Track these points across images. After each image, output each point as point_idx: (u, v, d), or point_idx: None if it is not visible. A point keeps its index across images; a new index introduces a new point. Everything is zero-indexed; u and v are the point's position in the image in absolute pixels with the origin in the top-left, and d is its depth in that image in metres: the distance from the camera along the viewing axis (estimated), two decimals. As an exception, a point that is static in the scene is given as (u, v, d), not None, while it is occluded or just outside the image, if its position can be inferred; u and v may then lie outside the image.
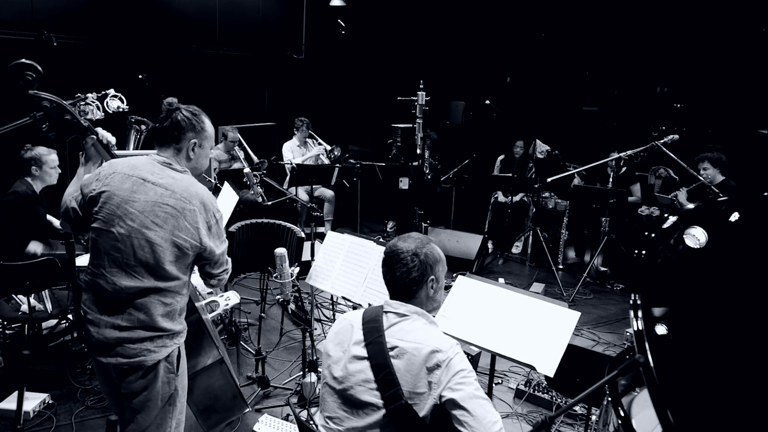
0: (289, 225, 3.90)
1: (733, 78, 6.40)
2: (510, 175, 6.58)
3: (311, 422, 2.22)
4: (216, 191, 4.56)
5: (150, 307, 1.97)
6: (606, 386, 1.89)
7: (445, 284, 1.92)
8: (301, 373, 3.49)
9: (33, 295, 3.47)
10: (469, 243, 5.87)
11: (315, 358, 3.46)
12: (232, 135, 6.31)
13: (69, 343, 3.71)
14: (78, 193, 2.11)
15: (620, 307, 5.15)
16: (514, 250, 6.74)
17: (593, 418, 2.88)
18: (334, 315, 4.59)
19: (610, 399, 1.92)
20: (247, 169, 4.49)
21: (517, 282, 5.69)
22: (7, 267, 3.29)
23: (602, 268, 5.79)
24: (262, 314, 3.99)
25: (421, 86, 5.68)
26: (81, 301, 2.07)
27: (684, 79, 6.85)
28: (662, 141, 4.90)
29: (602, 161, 5.40)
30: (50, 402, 3.28)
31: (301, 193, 6.51)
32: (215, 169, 6.04)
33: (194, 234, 2.02)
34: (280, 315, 4.49)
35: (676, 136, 4.91)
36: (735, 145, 5.21)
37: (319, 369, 3.39)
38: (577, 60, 7.71)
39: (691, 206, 1.90)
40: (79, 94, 2.79)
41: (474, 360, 3.49)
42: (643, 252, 1.71)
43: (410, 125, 5.91)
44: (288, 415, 3.28)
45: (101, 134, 2.34)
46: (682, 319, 1.64)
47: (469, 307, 2.56)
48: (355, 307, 3.59)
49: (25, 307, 3.39)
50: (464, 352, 1.75)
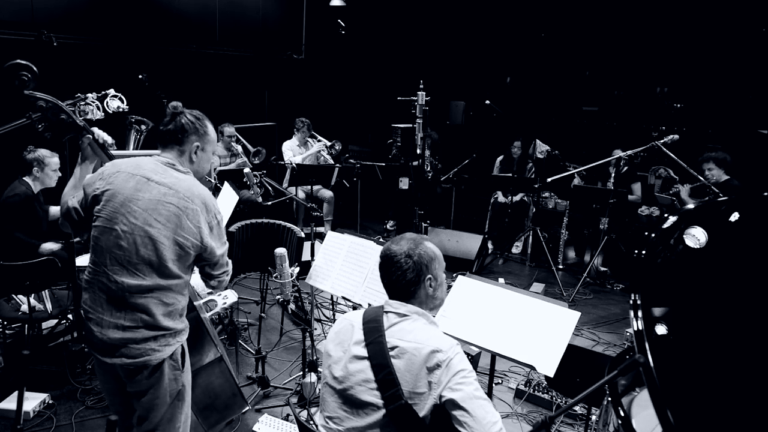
0: (289, 225, 3.90)
1: (733, 78, 6.40)
2: (510, 175, 6.58)
3: (311, 422, 2.22)
4: (216, 191, 4.56)
5: (151, 307, 1.98)
6: (606, 386, 1.89)
7: (446, 285, 1.92)
8: (301, 373, 3.49)
9: (33, 295, 3.47)
10: (469, 243, 5.86)
11: (315, 358, 3.46)
12: (229, 130, 6.33)
13: (69, 343, 3.71)
14: (80, 192, 2.12)
15: (620, 307, 5.15)
16: (514, 250, 6.74)
17: (593, 418, 2.88)
18: (334, 315, 4.59)
19: (610, 399, 1.92)
20: (247, 169, 4.49)
21: (517, 282, 5.69)
22: (7, 267, 3.29)
23: (602, 268, 5.80)
24: (262, 314, 3.99)
25: (421, 86, 5.68)
26: (81, 300, 2.07)
27: (684, 79, 6.84)
28: (662, 141, 4.90)
29: (604, 160, 5.40)
30: (50, 402, 3.28)
31: (300, 194, 6.51)
32: (215, 169, 6.05)
33: (196, 233, 2.03)
34: (280, 315, 4.49)
35: (676, 136, 4.90)
36: (735, 145, 5.19)
37: (319, 369, 3.39)
38: (577, 60, 7.71)
39: (691, 206, 1.90)
40: (79, 94, 2.79)
41: (474, 360, 3.49)
42: (643, 252, 1.71)
43: (410, 125, 5.91)
44: (288, 415, 3.28)
45: (97, 134, 2.35)
46: (682, 319, 1.64)
47: (469, 307, 2.56)
48: (355, 307, 3.59)
49: (25, 307, 3.39)
50: (464, 352, 1.75)
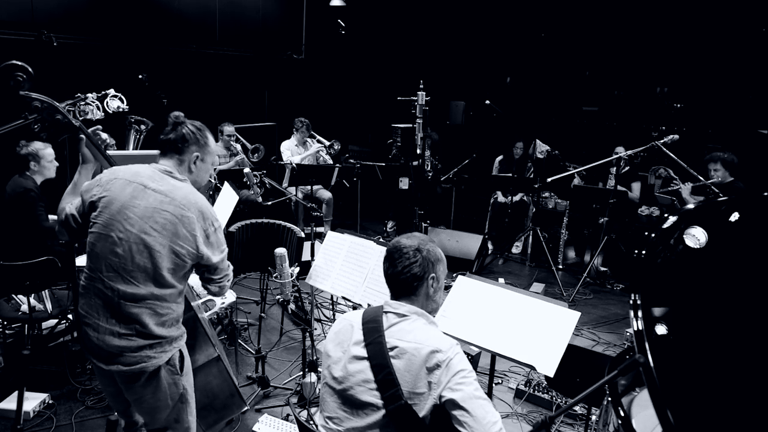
0: (289, 225, 3.90)
1: (733, 78, 6.40)
2: (510, 175, 6.58)
3: (311, 422, 2.22)
4: (216, 191, 4.56)
5: (144, 318, 1.97)
6: (606, 386, 1.89)
7: (445, 284, 1.93)
8: (301, 373, 3.49)
9: (33, 295, 3.47)
10: (469, 243, 5.86)
11: (315, 358, 3.46)
12: (228, 129, 6.33)
13: (69, 343, 3.71)
14: (78, 199, 2.11)
15: (620, 307, 5.15)
16: (514, 250, 6.74)
17: (593, 418, 2.88)
18: (334, 315, 4.59)
19: (610, 399, 1.92)
20: (247, 169, 4.49)
21: (517, 282, 5.69)
22: (7, 267, 3.29)
23: (602, 268, 5.79)
24: (262, 314, 3.99)
25: (421, 86, 5.68)
26: (78, 305, 2.06)
27: (684, 79, 6.84)
28: (662, 141, 4.90)
29: (605, 160, 5.40)
30: (50, 402, 3.28)
31: (300, 194, 6.51)
32: (215, 168, 6.05)
33: (191, 242, 2.02)
34: (280, 315, 4.49)
35: (676, 136, 4.91)
36: (735, 145, 5.20)
37: (319, 369, 3.39)
38: (577, 60, 7.71)
39: (691, 206, 1.90)
40: (79, 94, 2.79)
41: (474, 360, 3.49)
42: (643, 252, 1.71)
43: (410, 125, 5.91)
44: (288, 415, 3.28)
45: (97, 134, 2.34)
46: (682, 319, 1.64)
47: (469, 307, 2.56)
48: (355, 307, 3.59)
49: (25, 307, 3.39)
50: (464, 352, 1.75)
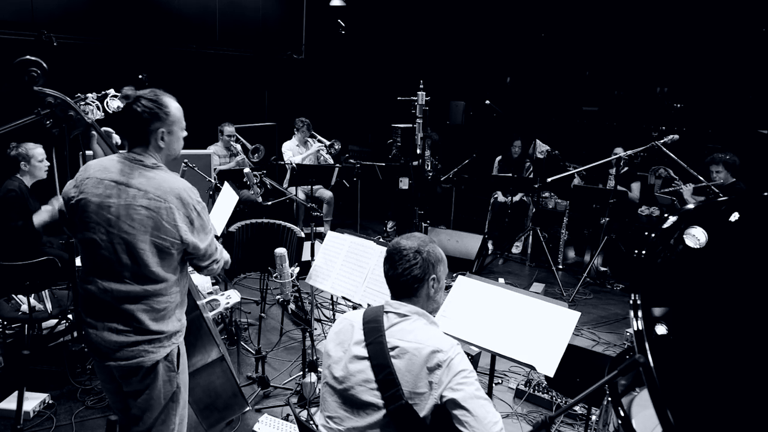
0: (289, 225, 3.90)
1: (733, 78, 6.40)
2: (510, 175, 6.58)
3: (311, 422, 2.22)
4: (216, 191, 4.56)
5: (140, 315, 1.96)
6: (606, 386, 1.89)
7: (446, 284, 1.93)
8: (301, 373, 3.49)
9: (33, 295, 3.47)
10: (469, 243, 5.86)
11: (315, 358, 3.46)
12: (228, 129, 6.34)
13: (69, 343, 3.71)
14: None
15: (620, 307, 5.15)
16: (514, 250, 6.74)
17: (593, 418, 2.88)
18: (334, 315, 4.59)
19: (610, 399, 1.92)
20: (247, 169, 4.49)
21: (517, 282, 5.69)
22: (7, 267, 3.29)
23: (602, 268, 5.79)
24: (262, 314, 3.99)
25: (421, 86, 5.68)
26: (79, 305, 2.06)
27: (684, 79, 6.84)
28: (662, 141, 4.90)
29: (605, 160, 5.40)
30: (50, 402, 3.28)
31: (300, 194, 6.51)
32: (215, 169, 6.05)
33: (174, 233, 1.95)
34: (280, 315, 4.49)
35: (676, 136, 4.91)
36: (735, 146, 5.20)
37: (319, 369, 3.39)
38: (577, 60, 7.71)
39: (691, 206, 1.90)
40: (79, 94, 2.80)
41: (474, 360, 3.49)
42: (643, 252, 1.71)
43: (410, 125, 5.91)
44: (288, 415, 3.28)
45: (110, 135, 2.35)
46: (682, 319, 1.64)
47: (469, 307, 2.56)
48: (355, 307, 3.59)
49: (25, 307, 3.39)
50: (464, 352, 1.75)
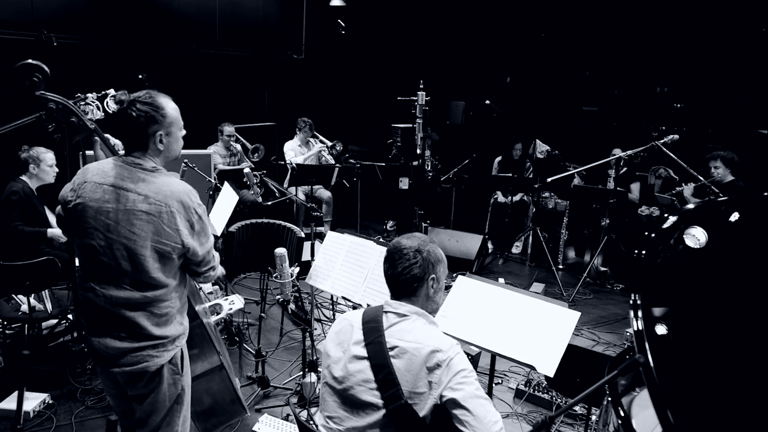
0: (289, 225, 3.90)
1: (733, 78, 6.40)
2: (510, 175, 6.58)
3: (311, 422, 2.22)
4: (216, 191, 4.56)
5: (141, 321, 1.95)
6: (606, 386, 1.89)
7: (445, 284, 1.93)
8: (301, 373, 3.49)
9: (33, 295, 3.47)
10: (469, 243, 5.86)
11: (315, 358, 3.46)
12: (228, 129, 6.34)
13: (69, 343, 3.71)
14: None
15: (620, 307, 5.15)
16: (514, 250, 6.74)
17: (593, 418, 2.88)
18: (334, 315, 4.59)
19: (610, 399, 1.92)
20: (247, 169, 4.50)
21: (517, 282, 5.69)
22: (7, 267, 3.29)
23: (602, 268, 5.79)
24: (262, 314, 3.99)
25: (421, 86, 5.68)
26: (79, 311, 2.05)
27: (684, 79, 6.84)
28: (662, 141, 4.90)
29: (604, 160, 5.40)
30: (50, 402, 3.28)
31: (300, 194, 6.51)
32: (215, 169, 6.05)
33: (175, 237, 1.93)
34: (280, 315, 4.49)
35: (676, 136, 4.91)
36: (735, 145, 5.20)
37: (319, 369, 3.39)
38: (577, 60, 7.71)
39: (691, 206, 1.90)
40: (79, 94, 2.80)
41: (474, 360, 3.49)
42: (643, 252, 1.71)
43: (410, 125, 5.91)
44: (288, 415, 3.28)
45: (108, 138, 2.35)
46: (682, 319, 1.64)
47: (469, 307, 2.56)
48: (355, 307, 3.59)
49: (25, 307, 3.39)
50: (464, 352, 1.75)
